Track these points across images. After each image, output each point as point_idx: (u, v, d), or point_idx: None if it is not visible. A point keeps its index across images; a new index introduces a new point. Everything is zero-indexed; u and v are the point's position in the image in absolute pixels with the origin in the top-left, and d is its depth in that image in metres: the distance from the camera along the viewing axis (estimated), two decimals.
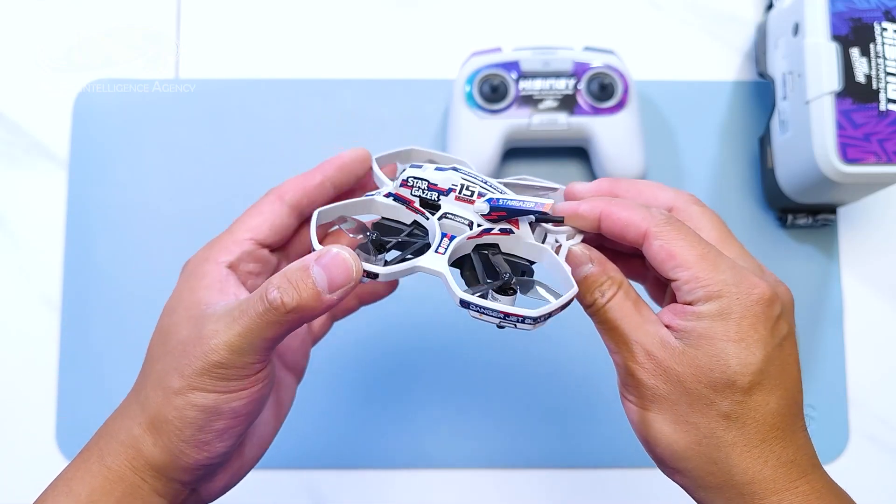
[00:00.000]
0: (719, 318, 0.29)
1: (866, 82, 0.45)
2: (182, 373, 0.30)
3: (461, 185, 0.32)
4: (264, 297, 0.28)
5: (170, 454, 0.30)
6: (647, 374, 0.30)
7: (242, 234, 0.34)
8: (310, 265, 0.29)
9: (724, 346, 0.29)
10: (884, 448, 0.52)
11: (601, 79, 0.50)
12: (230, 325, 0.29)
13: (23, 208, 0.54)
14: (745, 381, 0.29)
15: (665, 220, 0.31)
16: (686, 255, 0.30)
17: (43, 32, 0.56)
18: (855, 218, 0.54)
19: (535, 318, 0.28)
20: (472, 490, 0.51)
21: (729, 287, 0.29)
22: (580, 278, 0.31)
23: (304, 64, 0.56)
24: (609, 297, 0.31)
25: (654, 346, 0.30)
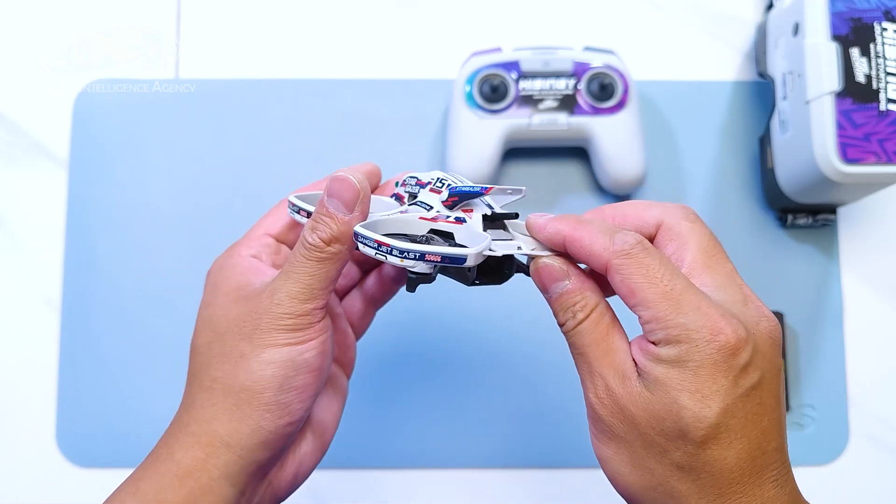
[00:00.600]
0: (677, 365, 0.27)
1: (866, 82, 0.45)
2: (250, 337, 0.31)
3: (436, 178, 0.33)
4: (305, 242, 0.31)
5: (249, 427, 0.31)
6: (605, 410, 0.29)
7: (258, 231, 0.36)
8: (323, 200, 0.31)
9: (679, 397, 0.27)
10: (884, 448, 0.52)
11: (601, 79, 0.50)
12: (285, 280, 0.31)
13: (23, 208, 0.54)
14: (698, 434, 0.27)
15: (626, 252, 0.28)
16: (646, 294, 0.27)
17: (43, 32, 0.56)
18: (855, 218, 0.54)
19: (401, 249, 0.29)
20: (471, 490, 0.51)
21: (689, 333, 0.27)
22: (555, 296, 0.30)
23: (304, 64, 0.56)
24: (579, 321, 0.30)
25: (616, 381, 0.28)
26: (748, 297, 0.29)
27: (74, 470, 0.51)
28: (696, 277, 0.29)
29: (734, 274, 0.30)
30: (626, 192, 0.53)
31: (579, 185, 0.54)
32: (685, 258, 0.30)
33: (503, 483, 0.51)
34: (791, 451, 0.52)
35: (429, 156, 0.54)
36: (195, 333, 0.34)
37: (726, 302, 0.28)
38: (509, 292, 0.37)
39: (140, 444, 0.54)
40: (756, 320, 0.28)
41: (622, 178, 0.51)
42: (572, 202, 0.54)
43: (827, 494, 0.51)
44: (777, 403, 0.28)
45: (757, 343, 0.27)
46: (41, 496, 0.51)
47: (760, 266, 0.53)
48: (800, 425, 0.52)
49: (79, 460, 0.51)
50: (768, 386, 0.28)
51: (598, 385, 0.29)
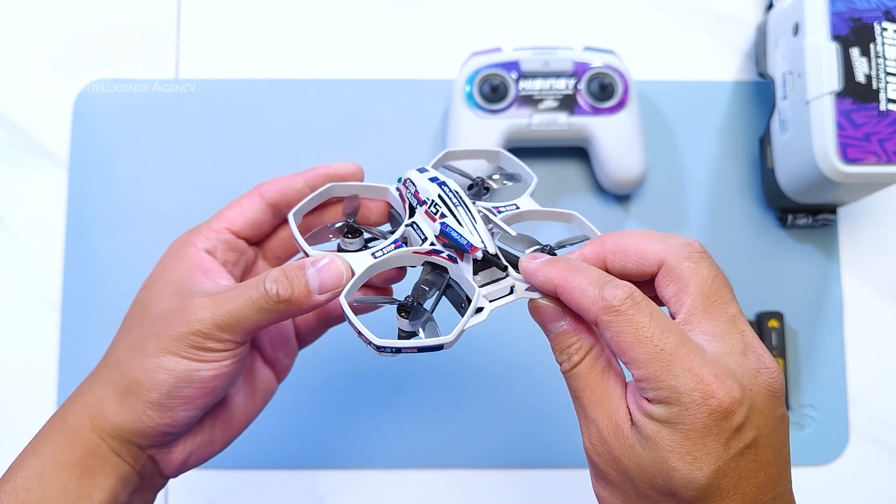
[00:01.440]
0: (668, 425, 0.26)
1: (866, 82, 0.45)
2: (160, 338, 0.31)
3: (432, 201, 0.33)
4: (261, 285, 0.31)
5: (132, 415, 0.32)
6: (599, 458, 0.29)
7: (220, 223, 0.36)
8: (306, 266, 0.31)
9: (669, 457, 0.26)
10: (884, 448, 0.52)
11: (601, 79, 0.50)
12: (220, 303, 0.31)
13: (23, 208, 0.54)
14: (688, 495, 0.26)
15: (615, 309, 0.27)
16: (636, 353, 0.27)
17: (43, 32, 0.56)
18: (855, 218, 0.54)
19: (377, 346, 0.29)
20: (471, 490, 0.51)
21: (679, 396, 0.26)
22: (553, 335, 0.31)
23: (304, 64, 0.56)
24: (574, 363, 0.30)
25: (609, 430, 0.28)
26: (749, 346, 0.28)
27: None
28: (694, 324, 0.28)
29: (737, 318, 0.28)
30: (626, 191, 0.53)
31: (579, 185, 0.54)
32: (685, 302, 0.28)
33: (503, 483, 0.51)
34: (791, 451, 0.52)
35: (429, 156, 0.54)
36: (134, 302, 0.35)
37: (723, 353, 0.27)
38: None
39: None
40: (755, 373, 0.27)
41: (622, 178, 0.51)
42: (572, 202, 0.54)
43: (827, 494, 0.51)
44: (776, 455, 0.27)
45: (753, 400, 0.27)
46: None
47: (760, 266, 0.53)
48: (800, 425, 0.52)
49: None
50: (765, 441, 0.27)
51: (591, 432, 0.29)
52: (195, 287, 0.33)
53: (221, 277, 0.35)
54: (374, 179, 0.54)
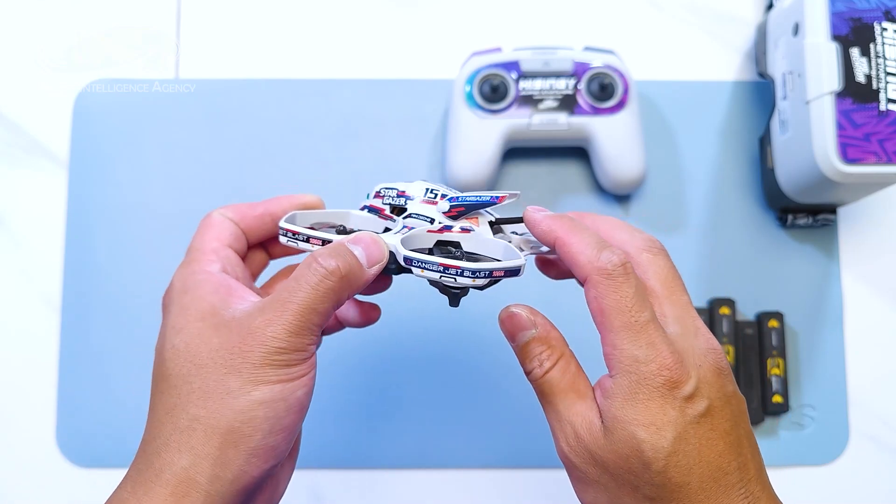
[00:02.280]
0: (630, 399, 0.28)
1: (866, 82, 0.45)
2: (240, 372, 0.28)
3: (426, 188, 0.33)
4: (318, 267, 0.29)
5: (233, 472, 0.28)
6: (578, 458, 0.30)
7: (211, 243, 0.34)
8: (346, 243, 0.31)
9: (636, 431, 0.28)
10: (884, 448, 0.52)
11: (601, 79, 0.50)
12: (283, 310, 0.29)
13: (23, 208, 0.54)
14: (659, 463, 0.28)
15: (607, 272, 0.29)
16: (612, 319, 0.29)
17: (43, 32, 0.56)
18: (855, 218, 0.54)
19: (473, 270, 0.29)
20: (471, 490, 0.51)
21: (639, 365, 0.28)
22: (522, 344, 0.32)
23: (304, 64, 0.56)
24: (546, 370, 0.31)
25: (584, 430, 0.29)
26: (699, 329, 0.31)
27: (74, 470, 0.51)
28: (658, 307, 0.31)
29: (689, 306, 0.32)
30: (626, 191, 0.53)
31: (579, 185, 0.54)
32: (648, 287, 0.31)
33: (503, 483, 0.51)
34: (791, 451, 0.52)
35: (429, 156, 0.54)
36: (163, 362, 0.30)
37: (680, 334, 0.30)
38: (509, 292, 0.37)
39: None
40: (704, 352, 0.30)
41: (622, 178, 0.51)
42: (572, 202, 0.54)
43: (827, 494, 0.51)
44: (733, 426, 0.29)
45: (702, 375, 0.29)
46: (41, 496, 0.51)
47: (760, 266, 0.53)
48: (800, 425, 0.52)
49: (79, 460, 0.51)
50: (719, 413, 0.29)
51: (568, 434, 0.30)
52: (236, 310, 0.30)
53: (247, 293, 0.32)
54: (373, 179, 0.54)
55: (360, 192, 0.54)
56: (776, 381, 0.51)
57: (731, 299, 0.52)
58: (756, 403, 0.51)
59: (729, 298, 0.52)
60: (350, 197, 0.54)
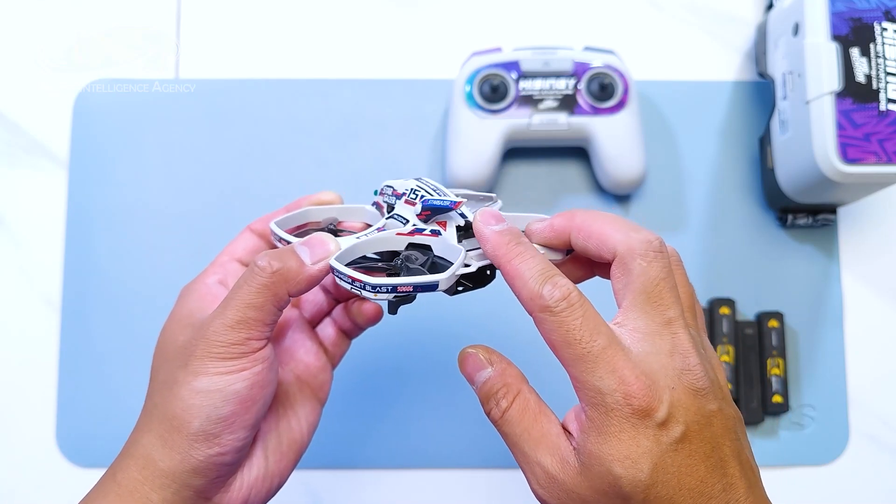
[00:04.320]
0: (601, 433, 0.27)
1: (866, 82, 0.45)
2: (185, 367, 0.31)
3: (410, 188, 0.33)
4: (253, 266, 0.31)
5: (180, 454, 0.30)
6: (553, 498, 0.29)
7: (224, 256, 0.37)
8: (294, 244, 0.32)
9: (612, 467, 0.27)
10: (884, 448, 0.52)
11: (601, 79, 0.50)
12: (224, 307, 0.31)
13: (23, 208, 0.54)
14: (638, 498, 0.27)
15: (549, 308, 0.28)
16: (564, 353, 0.28)
17: (43, 32, 0.56)
18: (855, 218, 0.54)
19: (373, 285, 0.29)
20: (471, 490, 0.51)
21: (604, 397, 0.27)
22: (479, 385, 0.31)
23: (304, 64, 0.56)
24: (504, 409, 0.30)
25: (556, 467, 0.28)
26: (676, 348, 0.29)
27: (74, 470, 0.51)
28: (629, 321, 0.29)
29: (673, 321, 0.29)
30: (626, 191, 0.53)
31: (579, 185, 0.54)
32: (626, 298, 0.29)
33: (503, 483, 0.51)
34: (791, 451, 0.52)
35: (429, 156, 0.54)
36: (155, 351, 0.34)
37: (649, 353, 0.28)
38: (508, 291, 0.37)
39: None
40: (678, 373, 0.28)
41: (622, 178, 0.51)
42: (572, 202, 0.54)
43: (827, 494, 0.51)
44: (713, 448, 0.28)
45: (677, 398, 0.27)
46: (41, 496, 0.51)
47: (760, 266, 0.53)
48: (800, 425, 0.52)
49: (79, 460, 0.51)
50: (697, 436, 0.28)
51: (538, 475, 0.29)
52: (206, 313, 0.33)
53: None
54: (373, 179, 0.54)
55: (359, 192, 0.54)
56: (776, 381, 0.51)
57: (731, 299, 0.52)
58: (756, 403, 0.51)
59: (729, 298, 0.52)
60: (350, 197, 0.54)
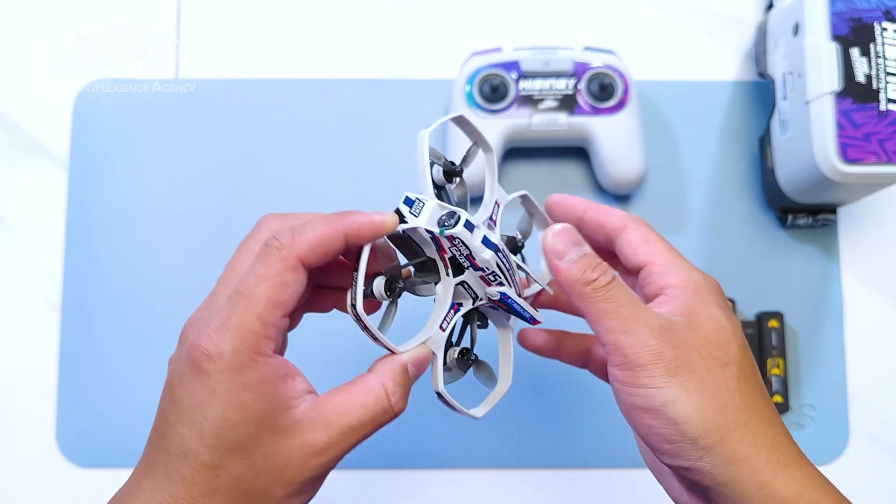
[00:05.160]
0: (697, 290, 0.32)
1: (866, 82, 0.45)
2: (289, 483, 0.29)
3: (492, 271, 0.33)
4: (383, 398, 0.30)
5: None
6: (665, 346, 0.30)
7: (273, 313, 0.29)
8: (407, 366, 0.32)
9: (714, 312, 0.32)
10: (884, 448, 0.52)
11: (601, 79, 0.50)
12: (332, 424, 0.29)
13: (23, 208, 0.54)
14: (739, 339, 0.31)
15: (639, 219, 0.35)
16: (658, 245, 0.34)
17: (43, 32, 0.56)
18: (855, 218, 0.54)
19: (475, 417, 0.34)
20: (472, 490, 0.51)
21: (694, 272, 0.33)
22: (579, 257, 0.32)
23: (304, 64, 0.56)
24: (611, 277, 0.32)
25: (664, 322, 0.30)
26: None
27: (74, 470, 0.51)
28: None
29: None
30: (626, 191, 0.53)
31: (579, 185, 0.54)
32: None
33: (503, 483, 0.51)
34: None
35: None
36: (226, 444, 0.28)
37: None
38: None
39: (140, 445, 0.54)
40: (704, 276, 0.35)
41: (622, 178, 0.51)
42: None
43: None
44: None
45: None
46: (41, 496, 0.51)
47: (760, 266, 0.53)
48: (800, 425, 0.52)
49: (79, 460, 0.51)
50: None
51: (648, 332, 0.30)
52: (292, 414, 0.29)
53: (295, 374, 0.30)
54: (373, 179, 0.54)
55: (359, 192, 0.54)
56: (776, 381, 0.51)
57: (731, 299, 0.52)
58: None
59: (729, 298, 0.52)
60: (350, 197, 0.54)
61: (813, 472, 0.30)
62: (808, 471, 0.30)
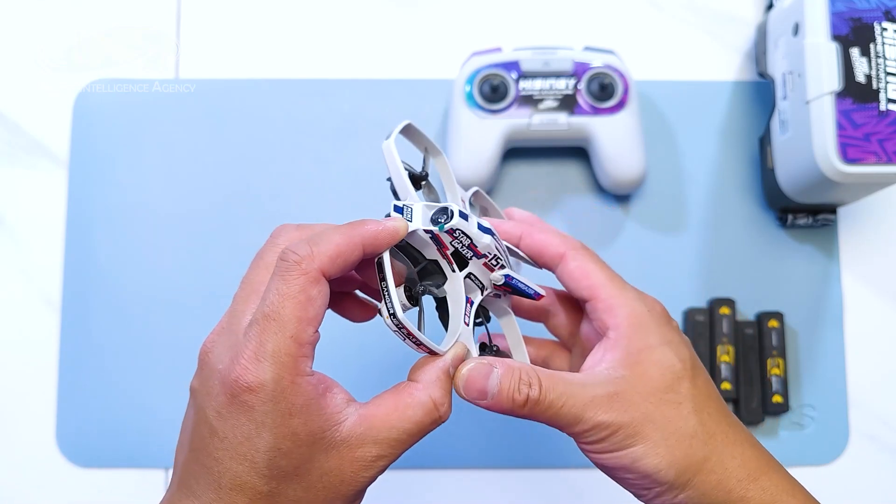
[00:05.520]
0: (640, 329, 0.33)
1: (866, 82, 0.45)
2: (345, 496, 0.29)
3: (493, 254, 0.33)
4: (439, 418, 0.31)
5: None
6: (618, 414, 0.31)
7: (306, 331, 0.28)
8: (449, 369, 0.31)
9: (657, 355, 0.32)
10: (884, 448, 0.52)
11: (601, 79, 0.50)
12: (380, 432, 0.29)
13: (23, 208, 0.54)
14: (688, 372, 0.32)
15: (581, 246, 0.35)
16: (599, 276, 0.34)
17: (43, 32, 0.56)
18: (855, 218, 0.54)
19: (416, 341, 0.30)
20: (472, 490, 0.51)
21: (638, 303, 0.34)
22: (496, 389, 0.31)
23: (304, 64, 0.56)
24: (538, 386, 0.31)
25: (610, 390, 0.31)
26: None
27: (74, 470, 0.51)
28: None
29: None
30: (626, 191, 0.53)
31: (579, 185, 0.54)
32: None
33: (503, 483, 0.51)
34: (791, 451, 0.52)
35: None
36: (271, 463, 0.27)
37: None
38: None
39: (140, 445, 0.54)
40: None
41: (622, 178, 0.51)
42: (572, 202, 0.54)
43: (827, 494, 0.51)
44: None
45: None
46: (41, 496, 0.51)
47: (760, 266, 0.53)
48: (800, 425, 0.52)
49: (79, 460, 0.51)
50: None
51: (594, 415, 0.31)
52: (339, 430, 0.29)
53: (332, 385, 0.30)
54: (373, 179, 0.54)
55: (359, 192, 0.54)
56: (776, 381, 0.51)
57: (731, 299, 0.52)
58: (756, 403, 0.51)
59: (729, 298, 0.52)
60: (350, 197, 0.54)
61: (781, 476, 0.32)
62: (776, 478, 0.32)
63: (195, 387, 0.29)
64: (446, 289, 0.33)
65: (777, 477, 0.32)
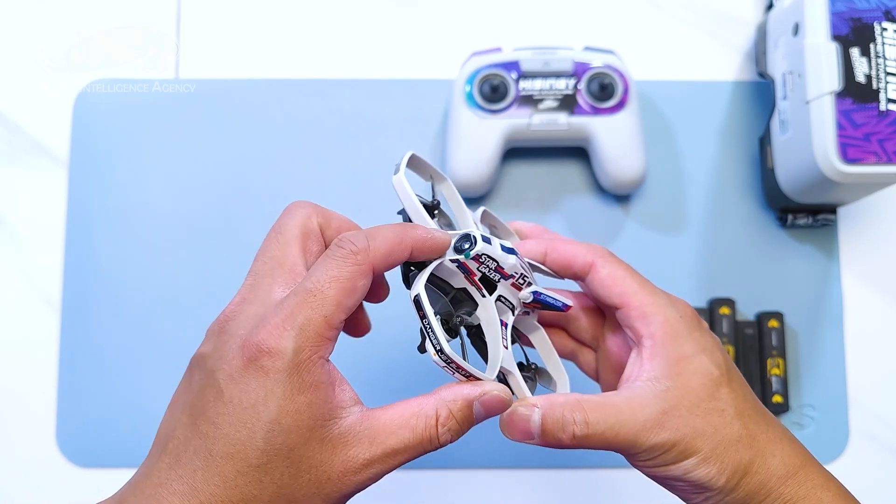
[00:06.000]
0: (676, 337, 0.33)
1: (866, 82, 0.45)
2: (328, 497, 0.28)
3: (520, 273, 0.33)
4: (435, 438, 0.30)
5: None
6: (672, 433, 0.31)
7: (339, 316, 0.29)
8: (473, 403, 0.30)
9: (695, 363, 0.32)
10: (884, 448, 0.52)
11: (601, 79, 0.50)
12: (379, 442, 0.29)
13: (23, 208, 0.54)
14: (724, 377, 0.32)
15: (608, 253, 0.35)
16: (630, 283, 0.34)
17: (43, 32, 0.56)
18: (855, 218, 0.54)
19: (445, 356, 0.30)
20: (472, 490, 0.51)
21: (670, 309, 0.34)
22: (539, 429, 0.31)
23: (304, 64, 0.56)
24: (584, 420, 0.31)
25: (658, 409, 0.31)
26: None
27: (74, 470, 0.51)
28: None
29: None
30: (626, 191, 0.53)
31: (579, 185, 0.54)
32: None
33: (503, 483, 0.51)
34: None
35: (429, 156, 0.54)
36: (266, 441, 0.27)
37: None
38: None
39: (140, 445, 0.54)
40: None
41: (622, 178, 0.51)
42: (572, 202, 0.54)
43: None
44: None
45: None
46: (41, 496, 0.51)
47: (760, 266, 0.53)
48: (800, 425, 0.52)
49: (79, 460, 0.51)
50: None
51: (648, 436, 0.31)
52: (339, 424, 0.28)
53: (343, 381, 0.30)
54: (373, 179, 0.54)
55: (359, 192, 0.54)
56: (776, 381, 0.51)
57: (731, 299, 0.52)
58: None
59: (729, 298, 0.52)
60: (350, 197, 0.54)
61: (817, 471, 0.32)
62: (812, 472, 0.32)
63: (206, 352, 0.29)
64: (479, 315, 0.33)
65: (813, 471, 0.32)
